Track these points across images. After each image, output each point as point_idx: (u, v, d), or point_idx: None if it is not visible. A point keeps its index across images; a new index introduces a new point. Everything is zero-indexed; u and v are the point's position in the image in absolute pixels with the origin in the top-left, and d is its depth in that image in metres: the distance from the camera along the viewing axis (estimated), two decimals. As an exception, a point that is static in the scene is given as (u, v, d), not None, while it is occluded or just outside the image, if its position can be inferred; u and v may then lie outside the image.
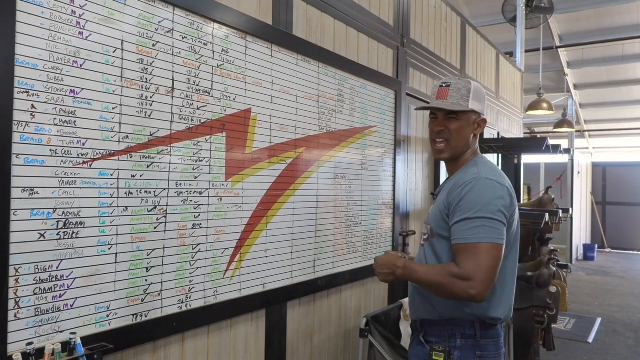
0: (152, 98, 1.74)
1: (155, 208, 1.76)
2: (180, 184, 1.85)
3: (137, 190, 1.69)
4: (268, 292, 2.27)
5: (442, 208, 1.62)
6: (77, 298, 1.52)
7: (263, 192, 2.23)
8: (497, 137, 5.65)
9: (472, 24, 5.08)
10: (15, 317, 1.38)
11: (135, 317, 1.69)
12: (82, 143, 1.53)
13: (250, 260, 2.17)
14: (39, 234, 1.42)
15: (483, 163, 1.69)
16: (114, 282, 1.63)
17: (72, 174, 1.50)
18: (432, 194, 1.85)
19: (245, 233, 2.14)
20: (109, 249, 1.61)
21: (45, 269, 1.44)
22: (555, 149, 4.52)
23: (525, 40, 7.32)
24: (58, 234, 1.47)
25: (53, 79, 1.45)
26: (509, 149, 4.93)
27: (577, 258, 10.69)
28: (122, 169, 1.64)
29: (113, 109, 1.61)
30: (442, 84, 1.70)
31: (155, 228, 1.76)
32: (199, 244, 1.93)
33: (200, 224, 1.93)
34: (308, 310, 2.60)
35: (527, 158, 7.46)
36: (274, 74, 2.30)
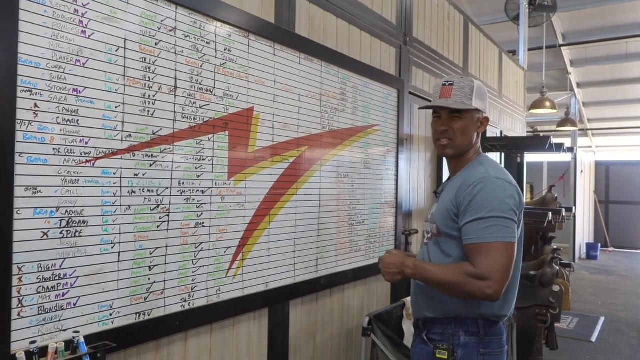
0: (154, 97, 1.74)
1: (158, 207, 1.76)
2: (183, 183, 1.85)
3: (139, 189, 1.69)
4: (270, 290, 2.27)
5: (449, 207, 1.62)
6: (80, 297, 1.53)
7: (266, 190, 2.23)
8: (500, 135, 5.64)
9: (474, 22, 5.06)
10: (19, 315, 1.38)
11: (138, 315, 1.70)
12: (84, 142, 1.53)
13: (253, 259, 2.17)
14: (42, 233, 1.43)
15: (488, 162, 1.69)
16: (117, 280, 1.63)
17: (75, 173, 1.50)
18: (434, 193, 1.84)
19: (248, 232, 2.14)
20: (112, 248, 1.61)
21: (49, 268, 1.44)
22: (559, 148, 4.50)
23: (528, 39, 7.30)
24: (61, 233, 1.47)
25: (56, 78, 1.45)
26: (512, 148, 4.92)
27: (579, 257, 10.67)
28: (124, 168, 1.64)
29: (116, 108, 1.61)
30: (444, 83, 1.70)
31: (158, 227, 1.76)
32: (202, 243, 1.93)
33: (203, 223, 1.93)
34: (310, 309, 2.60)
35: (529, 157, 7.44)
36: (277, 73, 2.30)
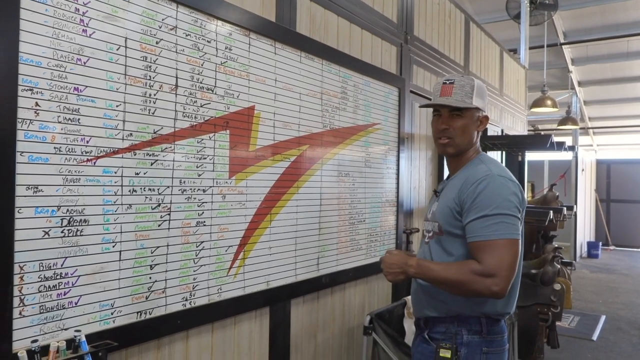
0: (155, 95, 1.74)
1: (159, 206, 1.76)
2: (184, 182, 1.85)
3: (141, 188, 1.69)
4: (272, 289, 2.27)
5: (452, 205, 1.62)
6: (81, 295, 1.53)
7: (267, 189, 2.23)
8: (501, 134, 5.63)
9: (475, 21, 5.05)
10: (20, 314, 1.38)
11: (140, 314, 1.70)
12: (86, 141, 1.53)
13: (254, 258, 2.17)
14: (44, 232, 1.43)
15: (490, 161, 1.69)
16: (118, 279, 1.63)
17: (76, 172, 1.50)
18: (434, 192, 1.84)
19: (249, 231, 2.14)
20: (113, 247, 1.61)
21: (50, 267, 1.44)
22: (560, 146, 4.49)
23: (529, 37, 7.29)
24: (62, 232, 1.47)
25: (57, 77, 1.45)
26: (513, 146, 4.91)
27: (581, 255, 10.66)
28: (126, 167, 1.64)
29: (117, 107, 1.61)
30: (445, 81, 1.70)
31: (159, 226, 1.76)
32: (203, 242, 1.93)
33: (204, 222, 1.93)
34: (312, 308, 2.60)
35: (531, 155, 7.43)
36: (278, 72, 2.29)
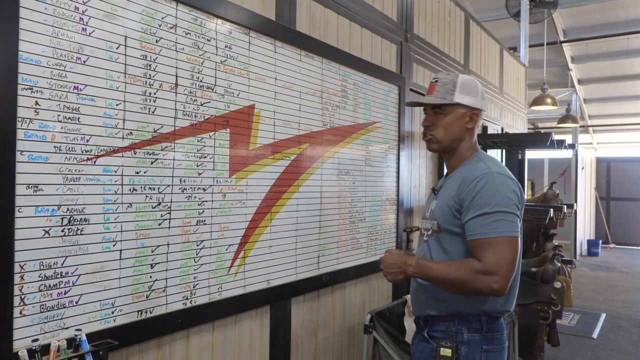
0: (155, 94, 1.74)
1: (160, 204, 1.75)
2: (184, 181, 1.84)
3: (141, 187, 1.69)
4: (272, 288, 2.27)
5: (451, 203, 1.61)
6: (82, 295, 1.52)
7: (267, 188, 2.23)
8: (501, 132, 5.63)
9: (475, 19, 5.05)
10: (21, 313, 1.38)
11: (140, 313, 1.70)
12: (86, 139, 1.52)
13: (255, 257, 2.17)
14: (44, 231, 1.42)
15: (488, 158, 1.69)
16: (119, 278, 1.63)
17: (76, 171, 1.50)
18: (432, 190, 1.84)
19: (250, 229, 2.14)
20: (114, 246, 1.61)
21: (50, 266, 1.44)
22: (560, 144, 4.49)
23: (529, 35, 7.28)
24: (62, 231, 1.47)
25: (57, 76, 1.45)
26: (513, 145, 4.91)
27: (581, 254, 10.67)
28: (126, 166, 1.64)
29: (117, 106, 1.61)
30: (432, 80, 1.75)
31: (160, 224, 1.76)
32: (203, 241, 1.93)
33: (205, 221, 1.93)
34: (312, 307, 2.60)
35: (531, 153, 7.43)
36: (278, 70, 2.29)
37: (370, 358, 2.62)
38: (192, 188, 1.87)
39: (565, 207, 4.62)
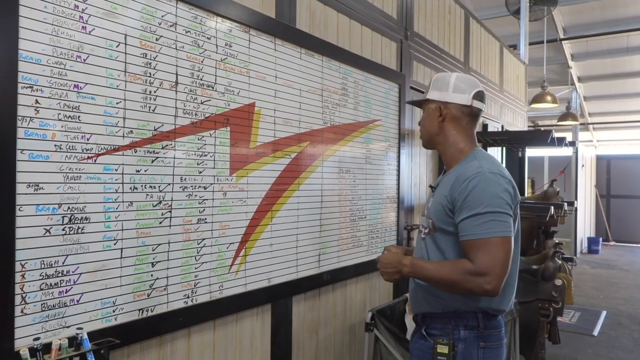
0: (155, 92, 1.73)
1: (160, 203, 1.75)
2: (185, 179, 1.84)
3: (141, 185, 1.69)
4: (273, 286, 2.27)
5: (444, 202, 1.61)
6: (83, 293, 1.52)
7: (267, 186, 2.23)
8: (501, 130, 5.62)
9: (475, 17, 5.04)
10: (22, 312, 1.38)
11: (141, 312, 1.70)
12: (86, 138, 1.52)
13: (256, 255, 2.17)
14: (45, 230, 1.42)
15: (483, 156, 1.66)
16: (120, 277, 1.63)
17: (76, 169, 1.50)
18: (430, 187, 1.85)
19: (250, 228, 2.14)
20: (115, 244, 1.61)
21: (51, 265, 1.44)
22: (560, 142, 4.49)
23: (529, 33, 7.27)
24: (63, 229, 1.47)
25: (57, 74, 1.45)
26: (514, 142, 4.91)
27: (581, 251, 10.67)
28: (126, 164, 1.64)
29: (117, 104, 1.61)
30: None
31: (160, 223, 1.75)
32: (204, 239, 1.93)
33: (205, 219, 1.93)
34: (313, 305, 2.60)
35: (531, 151, 7.42)
36: (278, 68, 2.29)
37: (372, 356, 2.62)
38: (192, 186, 1.87)
39: (566, 204, 4.61)
